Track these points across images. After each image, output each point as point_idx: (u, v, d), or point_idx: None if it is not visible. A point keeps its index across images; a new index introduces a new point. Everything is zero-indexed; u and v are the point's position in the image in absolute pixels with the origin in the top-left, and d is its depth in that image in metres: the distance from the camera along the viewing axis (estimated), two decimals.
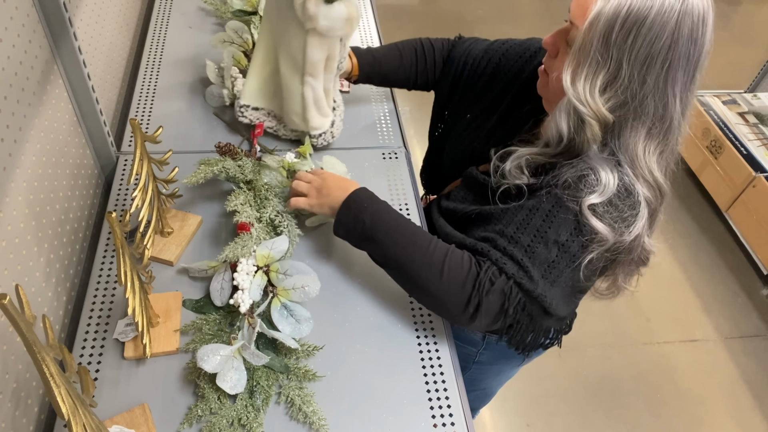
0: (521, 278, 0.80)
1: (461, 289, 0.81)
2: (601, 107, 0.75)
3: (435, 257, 0.84)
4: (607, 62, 0.73)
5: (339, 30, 1.00)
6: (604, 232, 0.78)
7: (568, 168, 0.81)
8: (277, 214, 1.02)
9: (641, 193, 0.80)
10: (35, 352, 0.55)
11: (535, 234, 0.81)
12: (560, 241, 0.80)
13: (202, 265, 0.96)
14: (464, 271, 0.82)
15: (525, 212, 0.83)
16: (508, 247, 0.81)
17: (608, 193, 0.78)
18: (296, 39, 1.04)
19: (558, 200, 0.81)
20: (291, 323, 0.90)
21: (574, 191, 0.80)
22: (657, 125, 0.77)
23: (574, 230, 0.80)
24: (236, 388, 0.83)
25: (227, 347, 0.83)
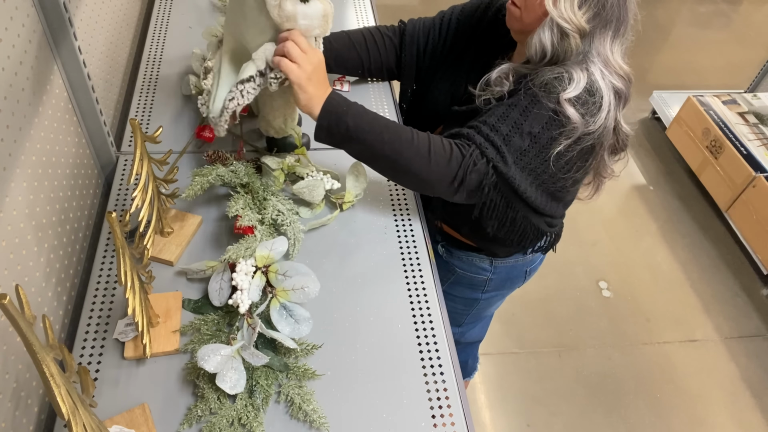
0: (498, 162, 0.94)
1: (447, 169, 0.95)
2: (581, 20, 0.91)
3: (420, 146, 0.95)
4: None
5: (317, 28, 0.99)
6: (576, 120, 0.92)
7: (546, 71, 0.95)
8: (279, 214, 1.02)
9: (607, 86, 0.94)
10: (35, 352, 0.55)
11: (513, 125, 0.94)
12: (533, 133, 0.94)
13: (200, 266, 0.96)
14: (447, 153, 0.95)
15: (505, 107, 0.96)
16: (490, 134, 0.95)
17: (580, 88, 0.92)
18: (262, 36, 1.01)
19: (534, 97, 0.94)
20: (290, 323, 0.90)
21: (550, 88, 0.93)
22: (620, 27, 0.94)
23: (545, 124, 0.93)
24: (236, 388, 0.83)
25: (227, 347, 0.83)
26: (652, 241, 2.46)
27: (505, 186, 0.97)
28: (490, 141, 0.94)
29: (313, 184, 1.06)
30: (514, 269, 1.27)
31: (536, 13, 0.95)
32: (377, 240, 1.08)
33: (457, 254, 1.25)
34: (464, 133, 0.97)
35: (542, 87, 0.93)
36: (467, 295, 1.32)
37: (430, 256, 1.07)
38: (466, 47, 1.16)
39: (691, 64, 3.42)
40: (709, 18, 3.91)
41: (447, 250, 1.26)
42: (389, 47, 1.25)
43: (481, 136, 0.95)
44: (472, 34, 1.15)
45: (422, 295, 1.01)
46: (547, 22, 0.93)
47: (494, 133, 0.94)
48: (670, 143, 2.79)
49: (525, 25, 0.98)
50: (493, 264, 1.24)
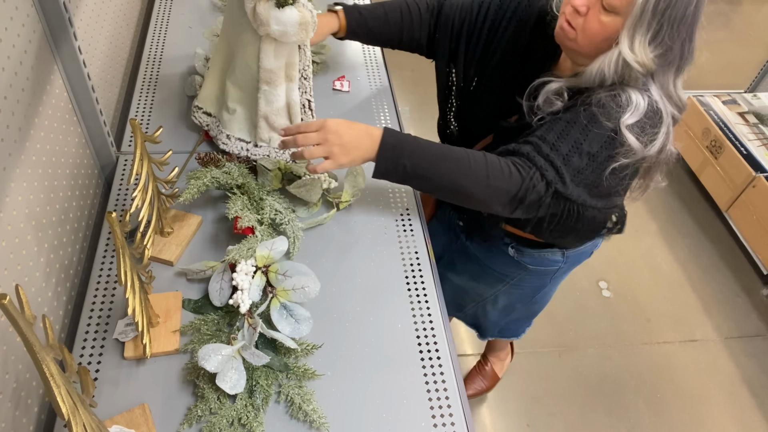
0: (557, 184, 0.93)
1: (505, 191, 0.94)
2: (649, 61, 0.90)
3: (478, 170, 0.94)
4: (653, 26, 0.88)
5: (293, 35, 0.98)
6: (636, 147, 0.91)
7: (602, 90, 0.93)
8: (277, 213, 1.02)
9: (666, 110, 0.94)
10: (35, 352, 0.55)
11: (573, 144, 0.93)
12: (591, 152, 0.93)
13: (200, 266, 0.96)
14: (505, 175, 0.94)
15: (564, 123, 0.94)
16: (550, 155, 0.93)
17: (640, 112, 0.91)
18: (251, 45, 1.02)
19: (593, 116, 0.92)
20: (290, 323, 0.90)
21: (608, 110, 0.91)
22: (682, 63, 0.94)
23: (604, 143, 0.92)
24: (236, 388, 0.83)
25: (228, 347, 0.83)
26: (652, 241, 2.46)
27: (563, 201, 0.96)
28: (550, 162, 0.92)
29: (311, 184, 1.06)
30: (584, 253, 1.27)
31: (596, 40, 0.92)
32: (377, 239, 1.08)
33: (528, 252, 1.23)
34: (524, 152, 0.94)
35: (600, 106, 0.92)
36: (536, 283, 1.32)
37: (430, 255, 1.07)
38: (511, 49, 1.11)
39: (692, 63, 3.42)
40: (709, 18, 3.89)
41: (517, 250, 1.23)
42: (423, 25, 1.21)
43: (541, 156, 0.93)
44: (515, 33, 1.11)
45: (422, 294, 1.00)
46: (613, 56, 0.90)
47: (554, 152, 0.93)
48: None
49: (580, 48, 0.95)
50: (565, 255, 1.24)
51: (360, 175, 1.11)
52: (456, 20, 1.17)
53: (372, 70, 1.43)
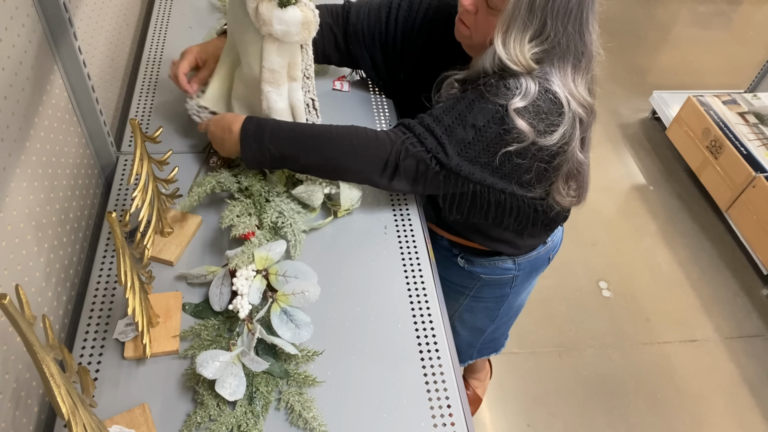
0: (438, 152, 0.94)
1: (374, 156, 0.96)
2: (529, 60, 0.89)
3: (342, 142, 0.96)
4: (533, 22, 0.87)
5: (296, 35, 0.98)
6: (525, 129, 0.90)
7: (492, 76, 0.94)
8: (279, 215, 1.01)
9: (569, 106, 0.92)
10: (35, 352, 0.55)
11: (457, 117, 0.94)
12: (477, 125, 0.92)
13: (201, 271, 0.96)
14: (371, 141, 0.96)
15: (452, 101, 0.96)
16: (431, 125, 0.94)
17: (530, 96, 0.90)
18: (253, 46, 1.02)
19: (481, 93, 0.93)
20: (291, 328, 0.90)
21: (495, 89, 0.92)
22: (581, 60, 0.92)
23: (491, 117, 0.92)
24: (235, 395, 0.82)
25: (227, 353, 0.83)
26: (652, 241, 2.46)
27: (455, 176, 0.96)
28: (430, 131, 0.94)
29: (312, 189, 1.05)
30: (538, 259, 1.27)
31: (484, 38, 0.94)
32: (377, 240, 1.08)
33: (478, 262, 1.24)
34: (405, 122, 0.97)
35: (488, 86, 0.92)
36: (496, 293, 1.32)
37: (430, 255, 1.07)
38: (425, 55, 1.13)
39: (691, 64, 3.42)
40: (709, 18, 3.91)
41: (467, 260, 1.25)
42: (327, 32, 1.19)
43: (422, 126, 0.95)
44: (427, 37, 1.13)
45: (422, 295, 1.00)
46: (489, 53, 0.91)
47: (436, 123, 0.94)
48: (670, 143, 2.79)
49: (473, 44, 0.98)
50: (516, 262, 1.23)
51: (355, 187, 1.10)
52: (366, 31, 1.18)
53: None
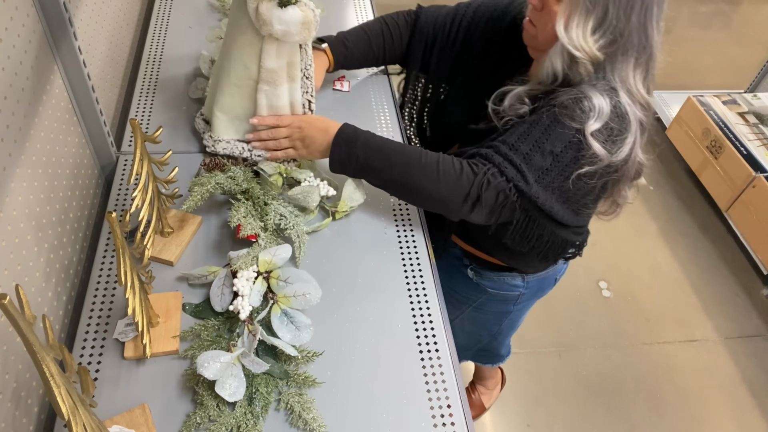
0: (518, 181, 0.92)
1: (457, 188, 0.94)
2: (593, 48, 0.87)
3: (428, 166, 0.96)
4: (596, 8, 0.85)
5: (296, 35, 0.98)
6: (601, 153, 0.89)
7: (565, 92, 0.91)
8: (281, 218, 1.01)
9: (634, 115, 0.91)
10: (35, 352, 0.55)
11: (534, 144, 0.92)
12: (555, 152, 0.91)
13: (202, 271, 0.96)
14: (456, 172, 0.94)
15: (526, 126, 0.94)
16: (509, 153, 0.92)
17: (604, 117, 0.89)
18: (251, 47, 1.02)
19: (556, 117, 0.91)
20: (291, 330, 0.90)
21: (570, 112, 0.89)
22: (641, 55, 0.90)
23: (569, 143, 0.90)
24: (235, 396, 0.82)
25: (227, 354, 0.83)
26: (652, 241, 2.46)
27: (530, 204, 0.95)
28: (509, 160, 0.92)
29: (308, 190, 1.05)
30: (545, 279, 1.26)
31: (549, 33, 0.91)
32: (377, 240, 1.08)
33: (488, 275, 1.22)
34: (482, 153, 0.95)
35: (562, 107, 0.90)
36: (499, 309, 1.31)
37: (430, 257, 1.07)
38: (484, 53, 1.11)
39: (691, 64, 3.42)
40: (709, 18, 3.90)
41: (477, 272, 1.23)
42: (403, 39, 1.24)
43: (500, 155, 0.93)
44: (490, 39, 1.11)
45: (422, 296, 1.00)
46: (558, 47, 0.89)
47: (514, 152, 0.92)
48: (670, 143, 2.79)
49: (539, 44, 0.95)
50: (525, 279, 1.22)
51: (359, 189, 1.10)
52: (430, 33, 1.19)
53: (372, 70, 1.43)
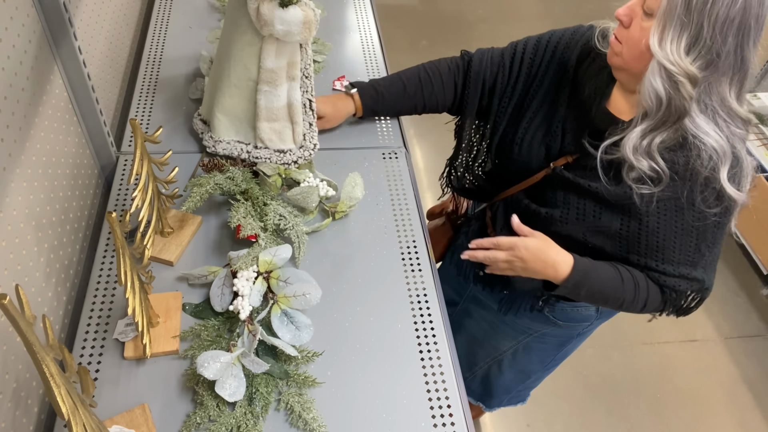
0: (695, 287, 0.97)
1: (656, 309, 1.01)
2: (689, 65, 0.83)
3: (637, 303, 0.98)
4: (689, 25, 0.81)
5: (297, 35, 0.98)
6: (740, 197, 0.89)
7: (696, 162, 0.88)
8: (281, 218, 1.01)
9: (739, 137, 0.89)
10: (35, 352, 0.55)
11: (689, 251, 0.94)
12: (710, 245, 0.94)
13: (202, 271, 0.96)
14: (658, 304, 0.99)
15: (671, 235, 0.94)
16: (676, 271, 0.95)
17: (728, 154, 0.87)
18: (251, 47, 1.02)
19: (694, 213, 0.91)
20: (291, 330, 0.90)
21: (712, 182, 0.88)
22: (737, 75, 0.86)
23: (715, 229, 0.92)
24: (235, 396, 0.82)
25: (227, 354, 0.83)
26: None
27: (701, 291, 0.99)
28: (679, 276, 0.95)
29: (307, 191, 1.05)
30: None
31: (637, 49, 0.87)
32: (377, 240, 1.08)
33: (561, 307, 1.14)
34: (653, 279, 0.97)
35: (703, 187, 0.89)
36: (561, 338, 1.25)
37: (430, 255, 1.07)
38: (557, 86, 1.06)
39: None
40: None
41: (548, 304, 1.14)
42: (447, 88, 1.17)
43: (670, 277, 0.95)
44: (555, 74, 1.06)
45: (422, 295, 1.00)
46: (654, 67, 0.84)
47: (680, 267, 0.95)
48: None
49: (625, 62, 0.90)
50: (599, 310, 1.17)
51: (358, 186, 1.10)
52: (487, 77, 1.13)
53: (372, 70, 1.43)
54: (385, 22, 1.31)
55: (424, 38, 3.25)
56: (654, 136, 0.89)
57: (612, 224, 0.96)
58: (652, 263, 0.96)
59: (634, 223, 0.94)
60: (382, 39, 1.54)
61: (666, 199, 0.91)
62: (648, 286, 0.97)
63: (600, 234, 0.98)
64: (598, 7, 3.50)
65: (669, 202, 0.91)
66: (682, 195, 0.90)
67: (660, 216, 0.93)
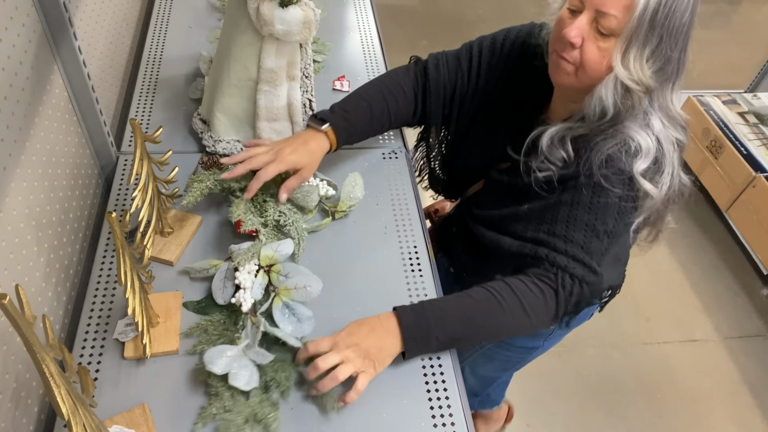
0: (589, 278, 0.88)
1: (546, 313, 0.88)
2: (648, 78, 0.83)
3: (514, 309, 0.87)
4: (652, 39, 0.81)
5: (297, 34, 0.98)
6: (654, 193, 0.85)
7: (604, 143, 0.86)
8: (280, 215, 1.01)
9: (667, 139, 0.87)
10: (35, 352, 0.55)
11: (585, 229, 0.87)
12: (608, 230, 0.87)
13: (203, 264, 0.96)
14: (541, 298, 0.87)
15: (566, 208, 0.88)
16: (568, 250, 0.87)
17: (652, 154, 0.85)
18: (250, 47, 1.02)
19: (596, 186, 0.86)
20: (292, 322, 0.91)
21: (615, 162, 0.85)
22: (678, 80, 0.87)
23: (617, 214, 0.87)
24: (251, 384, 0.82)
25: (233, 347, 0.84)
26: None
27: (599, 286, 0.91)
28: (571, 257, 0.87)
29: (308, 190, 1.05)
30: (584, 315, 1.19)
31: (597, 70, 0.85)
32: (377, 241, 1.08)
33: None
34: (541, 254, 0.88)
35: (604, 165, 0.85)
36: (527, 344, 1.21)
37: (430, 255, 1.07)
38: (500, 95, 1.05)
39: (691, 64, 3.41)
40: (709, 18, 3.90)
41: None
42: (411, 100, 1.11)
43: (562, 254, 0.87)
44: (506, 81, 1.04)
45: (422, 295, 1.00)
46: (609, 83, 0.83)
47: (571, 245, 0.87)
48: None
49: (580, 82, 0.87)
50: (554, 330, 1.16)
51: (358, 186, 1.10)
52: (447, 85, 1.09)
53: (372, 70, 1.43)
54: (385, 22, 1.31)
55: (424, 38, 3.24)
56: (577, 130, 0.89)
57: (521, 207, 0.93)
58: (543, 236, 0.89)
59: (537, 202, 0.91)
60: (382, 39, 1.54)
61: (566, 179, 0.88)
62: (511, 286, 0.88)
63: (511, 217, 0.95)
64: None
65: (569, 181, 0.88)
66: (582, 172, 0.86)
67: (560, 193, 0.89)
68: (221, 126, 1.12)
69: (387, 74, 1.15)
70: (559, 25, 0.87)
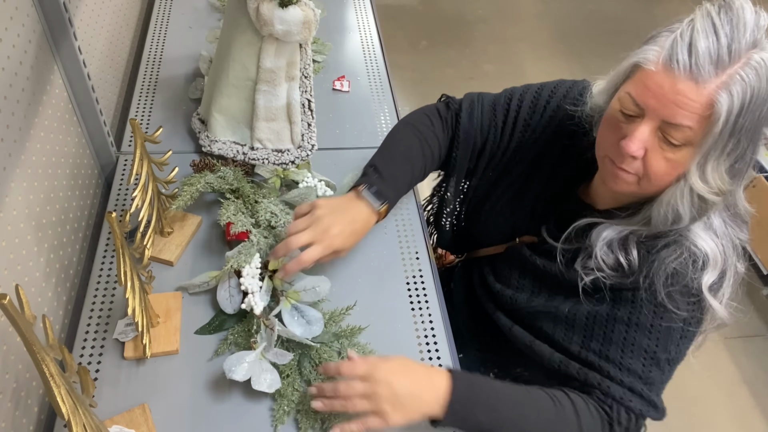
0: (648, 412, 0.80)
1: None
2: (725, 184, 0.73)
3: (568, 425, 0.78)
4: (729, 145, 0.70)
5: (297, 34, 0.98)
6: (721, 312, 0.77)
7: (667, 252, 0.77)
8: (272, 215, 1.01)
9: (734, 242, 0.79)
10: (35, 352, 0.55)
11: (644, 356, 0.78)
12: (670, 358, 0.79)
13: (203, 278, 0.95)
14: (598, 428, 0.80)
15: (623, 327, 0.79)
16: (625, 380, 0.79)
17: (720, 264, 0.76)
18: (250, 47, 1.02)
19: (657, 308, 0.77)
20: (302, 324, 0.91)
21: (683, 279, 0.76)
22: (747, 174, 0.77)
23: (680, 338, 0.79)
24: (273, 386, 0.83)
25: (251, 352, 0.84)
26: None
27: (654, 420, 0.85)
28: (629, 388, 0.79)
29: (306, 192, 1.05)
30: None
31: (665, 181, 0.75)
32: (377, 242, 1.08)
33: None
34: (593, 382, 0.80)
35: (669, 281, 0.76)
36: None
37: (430, 255, 1.07)
38: (534, 159, 0.95)
39: None
40: None
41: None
42: (444, 149, 1.04)
43: (617, 384, 0.79)
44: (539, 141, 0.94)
45: (422, 295, 1.00)
46: (685, 191, 0.73)
47: (628, 375, 0.78)
48: None
49: (642, 191, 0.77)
50: None
51: None
52: (478, 138, 1.00)
53: (372, 70, 1.43)
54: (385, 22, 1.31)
55: (424, 38, 3.24)
56: (640, 232, 0.79)
57: (561, 306, 0.84)
58: (593, 357, 0.80)
59: (583, 307, 0.82)
60: (382, 39, 1.54)
61: (622, 289, 0.79)
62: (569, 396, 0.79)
63: (548, 316, 0.86)
64: (599, 8, 3.50)
65: (626, 292, 0.79)
66: (642, 286, 0.77)
67: (614, 305, 0.80)
68: (218, 126, 1.12)
69: (422, 120, 1.04)
70: (611, 129, 0.76)
